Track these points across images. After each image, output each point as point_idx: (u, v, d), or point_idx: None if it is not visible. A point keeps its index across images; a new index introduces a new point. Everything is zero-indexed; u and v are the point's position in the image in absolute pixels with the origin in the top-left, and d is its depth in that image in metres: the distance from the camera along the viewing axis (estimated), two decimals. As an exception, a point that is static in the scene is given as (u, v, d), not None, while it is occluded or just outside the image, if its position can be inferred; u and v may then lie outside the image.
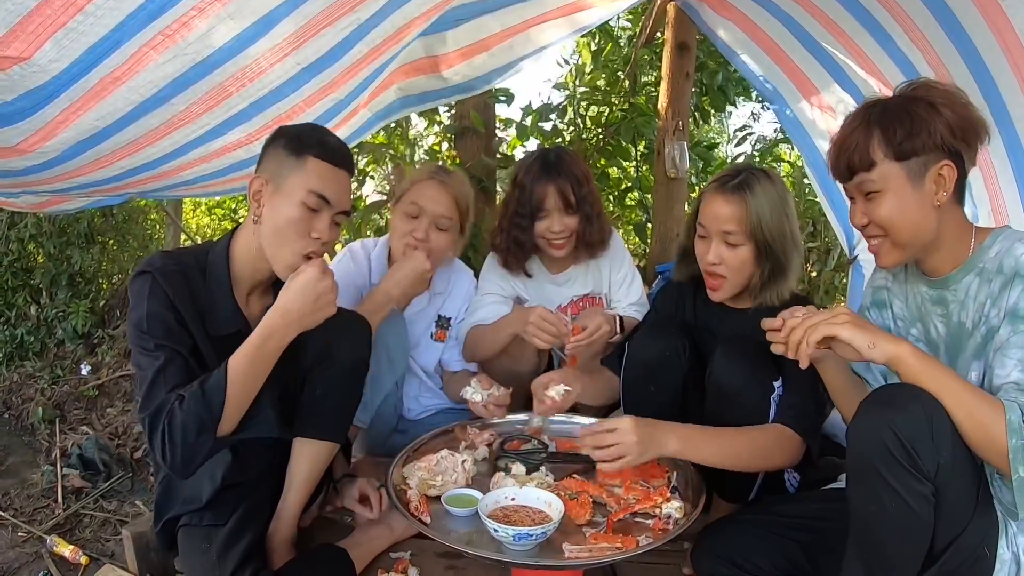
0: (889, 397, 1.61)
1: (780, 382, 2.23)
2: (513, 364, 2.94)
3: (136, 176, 2.87)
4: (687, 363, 2.42)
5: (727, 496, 2.40)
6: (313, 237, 2.02)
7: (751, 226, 2.29)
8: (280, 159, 2.04)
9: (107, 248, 6.21)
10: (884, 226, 1.78)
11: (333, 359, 2.11)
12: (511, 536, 1.81)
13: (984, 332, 1.74)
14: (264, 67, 2.39)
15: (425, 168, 2.83)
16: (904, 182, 1.73)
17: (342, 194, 2.07)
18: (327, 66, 2.61)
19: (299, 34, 2.33)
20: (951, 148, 1.71)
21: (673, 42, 4.67)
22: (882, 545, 1.61)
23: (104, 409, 4.92)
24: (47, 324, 5.70)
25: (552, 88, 5.96)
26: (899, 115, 1.72)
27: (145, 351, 1.92)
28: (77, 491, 3.91)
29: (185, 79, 2.26)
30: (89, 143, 2.43)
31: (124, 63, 2.06)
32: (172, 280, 1.97)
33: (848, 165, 1.80)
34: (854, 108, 1.79)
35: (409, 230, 2.74)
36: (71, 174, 2.66)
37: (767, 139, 6.61)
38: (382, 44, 2.68)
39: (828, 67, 3.51)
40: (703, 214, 2.38)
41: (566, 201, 2.83)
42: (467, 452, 2.35)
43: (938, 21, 2.63)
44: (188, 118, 2.49)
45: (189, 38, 2.09)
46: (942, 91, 1.74)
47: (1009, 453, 1.50)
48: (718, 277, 2.38)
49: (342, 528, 2.45)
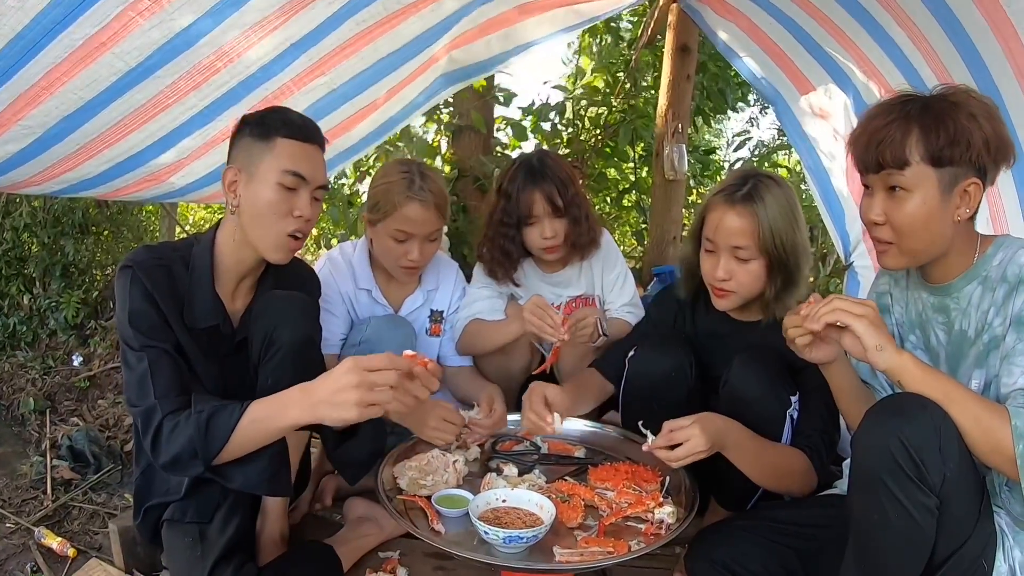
0: (897, 406, 1.59)
1: (796, 398, 2.21)
2: (506, 360, 2.94)
3: (126, 175, 2.83)
4: (692, 379, 2.38)
5: (727, 504, 2.39)
6: (295, 216, 2.01)
7: (763, 240, 2.21)
8: (249, 146, 2.02)
9: (101, 239, 6.17)
10: (901, 230, 1.73)
11: (274, 344, 2.04)
12: (501, 538, 1.80)
13: (987, 340, 1.72)
14: (253, 41, 2.35)
15: (398, 182, 2.65)
16: (934, 190, 1.68)
17: (317, 169, 2.06)
18: (314, 43, 2.57)
19: (285, 8, 2.30)
20: (981, 165, 1.67)
21: (675, 44, 4.66)
22: (882, 556, 1.59)
23: (95, 401, 4.89)
24: (40, 314, 5.67)
25: (552, 88, 5.94)
26: (941, 118, 1.66)
27: (133, 349, 1.90)
28: (66, 483, 3.88)
29: (172, 47, 2.24)
30: (73, 120, 2.40)
31: (108, 25, 2.05)
32: (152, 275, 1.95)
33: (878, 158, 1.71)
34: (854, 112, 1.76)
35: (402, 253, 2.68)
36: (58, 166, 2.62)
37: (766, 145, 6.60)
38: (375, 26, 2.63)
39: (829, 70, 3.50)
40: (711, 228, 2.28)
41: (554, 206, 2.78)
42: (459, 452, 2.33)
43: (941, 25, 2.61)
44: (175, 95, 2.45)
45: (176, 2, 2.08)
46: (982, 104, 1.69)
47: (1017, 459, 1.49)
48: (727, 292, 2.30)
49: (332, 526, 2.44)
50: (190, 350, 1.98)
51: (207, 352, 2.03)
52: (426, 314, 2.99)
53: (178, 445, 1.79)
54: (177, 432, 1.80)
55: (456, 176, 5.17)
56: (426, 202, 2.63)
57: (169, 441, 1.80)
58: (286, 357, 2.02)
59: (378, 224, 2.69)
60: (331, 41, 2.60)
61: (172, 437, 1.80)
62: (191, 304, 2.02)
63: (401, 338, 2.65)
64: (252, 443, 1.82)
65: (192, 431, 1.78)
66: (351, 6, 2.43)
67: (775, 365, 2.22)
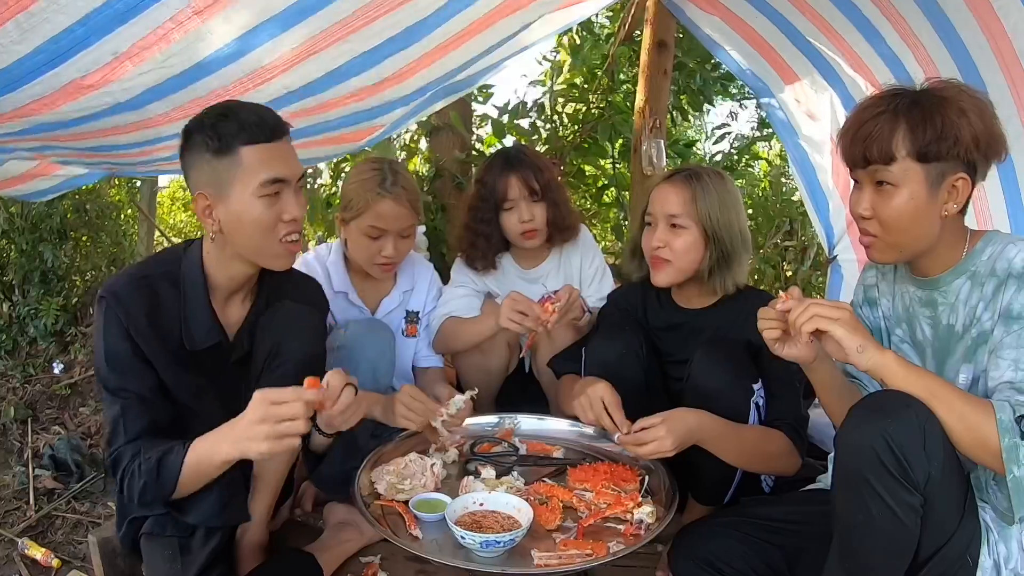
0: (881, 403, 1.59)
1: (760, 385, 2.23)
2: (484, 358, 2.96)
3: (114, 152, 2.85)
4: (645, 360, 2.44)
5: (702, 499, 2.40)
6: (286, 220, 1.95)
7: (697, 210, 2.32)
8: (211, 166, 1.89)
9: (80, 245, 6.12)
10: (887, 224, 1.73)
11: (282, 357, 2.04)
12: (478, 543, 1.79)
13: (976, 335, 1.73)
14: (248, 88, 2.37)
15: (371, 179, 2.67)
16: (922, 185, 1.68)
17: (292, 164, 1.95)
18: (319, 91, 2.63)
19: (295, 54, 2.31)
20: (970, 160, 1.68)
21: (652, 39, 4.65)
22: (867, 554, 1.60)
23: (77, 408, 4.86)
24: (19, 322, 5.61)
25: (529, 85, 5.92)
26: (929, 113, 1.66)
27: (107, 390, 1.91)
28: (49, 492, 3.86)
29: (164, 88, 2.25)
30: (62, 126, 2.40)
31: (98, 71, 2.04)
32: (130, 306, 1.91)
33: (865, 153, 1.72)
34: (840, 106, 1.74)
35: (377, 249, 2.71)
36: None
37: (745, 137, 6.62)
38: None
39: (816, 63, 3.51)
40: (650, 204, 2.42)
41: (530, 189, 2.85)
42: (437, 455, 2.32)
43: (929, 20, 2.62)
44: (168, 120, 2.46)
45: (167, 51, 2.06)
46: (972, 98, 1.69)
47: (1003, 453, 1.49)
48: (662, 261, 2.39)
49: (312, 531, 2.43)
50: (185, 369, 1.98)
51: (203, 369, 2.02)
52: (402, 315, 3.00)
53: (138, 489, 1.83)
54: (135, 478, 1.83)
55: (434, 175, 5.16)
56: (398, 198, 2.67)
57: (131, 487, 1.85)
58: (290, 371, 2.01)
59: (352, 222, 2.73)
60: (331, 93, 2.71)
61: (131, 483, 1.84)
62: (188, 326, 2.00)
63: (380, 343, 2.64)
64: (201, 478, 1.84)
65: (146, 477, 1.81)
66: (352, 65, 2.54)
67: (736, 354, 2.25)
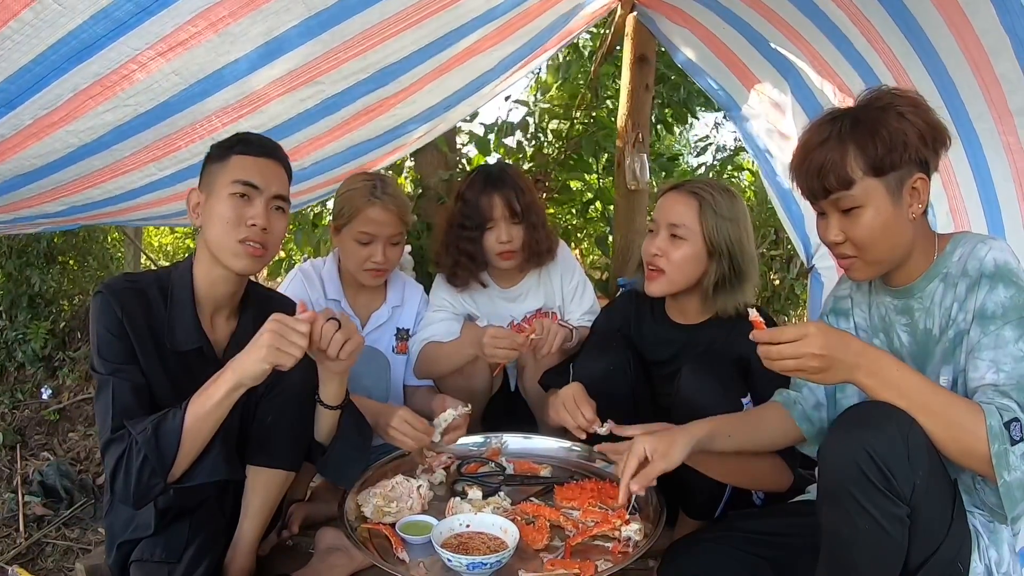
0: (863, 417, 1.59)
1: (749, 399, 2.23)
2: (467, 382, 2.94)
3: (84, 213, 2.84)
4: (633, 375, 2.43)
5: (693, 513, 2.39)
6: (248, 224, 2.03)
7: (701, 223, 2.30)
8: (211, 170, 2.10)
9: (67, 269, 6.12)
10: (862, 244, 1.74)
11: (283, 385, 2.06)
12: (464, 565, 1.80)
13: (952, 336, 1.74)
14: (217, 126, 2.39)
15: (361, 188, 2.80)
16: (884, 198, 1.69)
17: (270, 178, 2.08)
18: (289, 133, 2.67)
19: (255, 96, 2.34)
20: (922, 158, 1.70)
21: (633, 54, 4.68)
22: (854, 567, 1.60)
23: (66, 434, 4.85)
24: (7, 346, 5.59)
25: (514, 103, 5.94)
26: (873, 128, 1.67)
27: (100, 375, 1.94)
28: (39, 519, 3.85)
29: (130, 127, 2.29)
30: (28, 178, 2.40)
31: (61, 107, 2.07)
32: (124, 299, 1.98)
33: (824, 185, 1.72)
34: (808, 118, 1.73)
35: (367, 256, 2.78)
36: (14, 206, 2.61)
37: (728, 149, 6.65)
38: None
39: (784, 72, 3.51)
40: (656, 210, 2.41)
41: (512, 210, 2.87)
42: (424, 476, 2.33)
43: (896, 22, 2.62)
44: (134, 165, 2.49)
45: (130, 90, 2.12)
46: (907, 99, 1.72)
47: (992, 459, 1.50)
48: (657, 271, 2.38)
49: (301, 556, 2.42)
50: (169, 374, 2.01)
51: (186, 373, 2.03)
52: (392, 331, 3.02)
53: (136, 467, 1.83)
54: (133, 455, 1.84)
55: (419, 194, 5.16)
56: (387, 205, 2.76)
57: (128, 471, 1.84)
58: (291, 399, 2.09)
59: (343, 229, 2.81)
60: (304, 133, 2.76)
61: (129, 465, 1.84)
62: (172, 327, 2.05)
63: (376, 370, 2.74)
64: (201, 436, 1.88)
65: (145, 448, 1.82)
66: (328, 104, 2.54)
67: (724, 370, 2.25)
